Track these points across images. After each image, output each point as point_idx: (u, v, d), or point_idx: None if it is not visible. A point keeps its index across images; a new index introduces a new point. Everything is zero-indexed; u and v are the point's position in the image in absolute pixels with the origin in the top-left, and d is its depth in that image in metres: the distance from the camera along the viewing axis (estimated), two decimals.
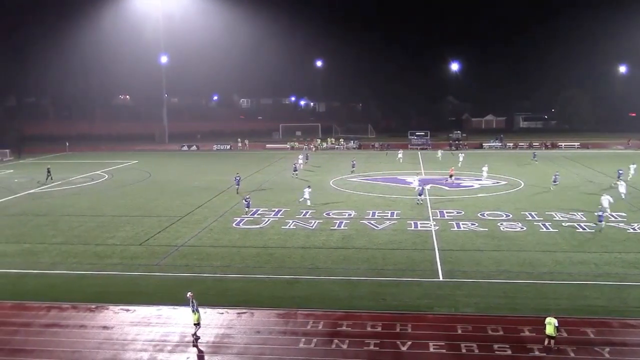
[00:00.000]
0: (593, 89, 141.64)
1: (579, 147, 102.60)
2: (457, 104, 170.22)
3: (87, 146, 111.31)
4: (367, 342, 23.91)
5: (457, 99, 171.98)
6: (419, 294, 29.21)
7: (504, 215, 46.10)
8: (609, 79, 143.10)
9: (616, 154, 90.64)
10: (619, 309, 26.67)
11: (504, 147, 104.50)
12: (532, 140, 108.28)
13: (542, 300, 28.21)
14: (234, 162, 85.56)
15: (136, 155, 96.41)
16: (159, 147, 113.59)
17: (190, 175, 71.45)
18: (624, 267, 32.95)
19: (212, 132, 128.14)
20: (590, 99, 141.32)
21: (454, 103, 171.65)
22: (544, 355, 22.66)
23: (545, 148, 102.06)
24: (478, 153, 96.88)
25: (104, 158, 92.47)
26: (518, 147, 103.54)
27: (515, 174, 68.51)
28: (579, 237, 39.57)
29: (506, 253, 35.97)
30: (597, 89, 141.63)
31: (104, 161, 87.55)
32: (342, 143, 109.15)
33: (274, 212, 48.28)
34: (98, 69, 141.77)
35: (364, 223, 44.10)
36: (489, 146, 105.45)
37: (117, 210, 50.38)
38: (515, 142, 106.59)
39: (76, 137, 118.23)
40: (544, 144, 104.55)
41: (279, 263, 34.65)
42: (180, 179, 68.32)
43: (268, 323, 26.04)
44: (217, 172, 74.57)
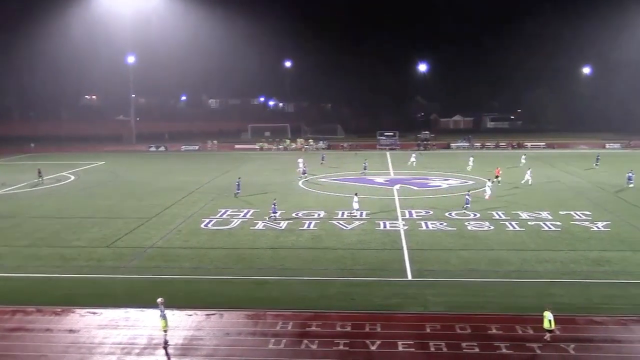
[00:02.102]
0: (558, 89, 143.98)
1: (545, 147, 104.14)
2: (426, 105, 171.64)
3: (52, 147, 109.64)
4: (336, 342, 23.93)
5: (425, 100, 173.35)
6: (388, 294, 29.34)
7: (472, 214, 46.53)
8: (573, 80, 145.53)
9: (581, 154, 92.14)
10: (584, 306, 27.11)
11: (472, 147, 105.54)
12: (499, 140, 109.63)
13: (510, 298, 28.55)
14: (203, 163, 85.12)
15: (103, 156, 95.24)
16: (127, 147, 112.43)
17: (158, 177, 70.78)
18: (589, 265, 33.50)
19: (180, 133, 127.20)
20: (555, 99, 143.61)
21: (423, 103, 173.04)
22: (511, 352, 22.92)
23: (512, 148, 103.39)
24: (446, 153, 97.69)
25: (71, 159, 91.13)
26: (485, 147, 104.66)
27: (483, 173, 69.13)
28: (545, 235, 40.13)
29: (474, 252, 36.32)
30: (562, 90, 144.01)
31: (71, 162, 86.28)
32: (311, 143, 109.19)
33: (243, 212, 48.07)
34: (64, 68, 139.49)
35: (333, 223, 44.15)
36: (456, 146, 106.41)
37: (83, 212, 49.68)
38: (482, 142, 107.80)
39: (41, 138, 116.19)
40: (510, 144, 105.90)
41: (248, 264, 34.50)
42: (148, 180, 67.67)
43: (237, 324, 25.91)
44: (186, 173, 74.02)
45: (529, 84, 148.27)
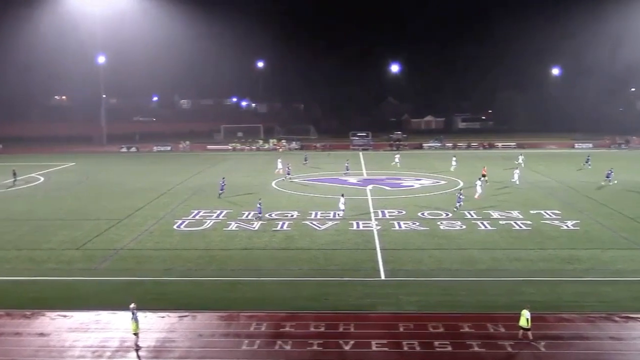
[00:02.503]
0: (528, 90, 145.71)
1: (516, 147, 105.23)
2: (398, 105, 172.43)
3: (21, 148, 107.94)
4: (310, 342, 23.95)
5: (397, 100, 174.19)
6: (362, 294, 29.44)
7: (444, 214, 46.90)
8: (543, 81, 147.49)
9: (551, 154, 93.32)
10: (554, 304, 27.49)
11: (444, 147, 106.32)
12: (470, 140, 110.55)
13: (481, 296, 28.85)
14: (175, 164, 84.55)
15: (73, 157, 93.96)
16: (97, 148, 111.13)
17: (129, 178, 70.15)
18: (559, 263, 33.99)
19: (152, 133, 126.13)
20: (525, 100, 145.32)
21: (395, 104, 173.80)
22: (483, 350, 23.16)
23: (484, 148, 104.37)
24: (418, 153, 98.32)
25: (40, 160, 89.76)
26: (457, 148, 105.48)
27: (455, 173, 69.78)
28: (516, 234, 40.61)
29: (446, 251, 36.62)
30: (532, 91, 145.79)
31: (40, 163, 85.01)
32: (284, 144, 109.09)
33: (215, 213, 47.86)
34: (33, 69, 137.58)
35: (307, 224, 44.18)
36: (428, 146, 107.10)
37: (53, 214, 49.04)
38: (454, 143, 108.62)
39: (10, 139, 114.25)
40: (482, 144, 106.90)
41: (221, 265, 34.37)
42: (120, 181, 66.99)
43: (210, 326, 25.80)
44: (158, 173, 73.48)
45: (499, 85, 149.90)
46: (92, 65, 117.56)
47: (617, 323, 25.59)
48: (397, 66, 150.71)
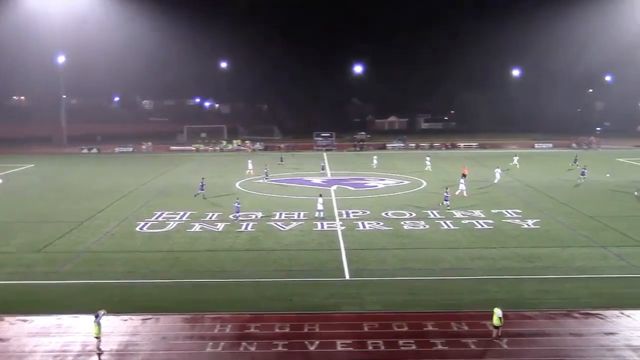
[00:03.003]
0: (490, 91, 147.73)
1: (477, 147, 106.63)
2: (362, 106, 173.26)
3: None
4: (275, 343, 23.91)
5: (361, 101, 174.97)
6: (327, 294, 29.49)
7: (408, 214, 47.25)
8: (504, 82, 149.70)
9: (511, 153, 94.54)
10: (515, 302, 27.91)
11: (407, 147, 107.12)
12: (433, 141, 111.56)
13: (445, 295, 29.14)
14: (138, 165, 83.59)
15: (33, 159, 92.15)
16: (57, 149, 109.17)
17: (91, 179, 69.11)
18: (520, 262, 34.52)
19: (113, 134, 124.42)
20: (487, 101, 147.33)
21: (359, 105, 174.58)
22: (446, 348, 23.39)
23: (446, 148, 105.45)
24: (382, 153, 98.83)
25: None
26: (420, 148, 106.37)
27: (418, 174, 70.36)
28: (478, 233, 41.13)
29: (410, 251, 36.90)
30: (493, 91, 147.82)
31: None
32: (247, 144, 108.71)
33: (179, 215, 47.45)
34: None
35: (271, 224, 44.09)
36: (392, 147, 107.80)
37: (12, 217, 48.05)
38: (417, 143, 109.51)
39: None
40: (444, 144, 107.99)
41: (185, 267, 34.09)
42: (81, 183, 65.95)
43: (174, 328, 25.57)
44: (120, 175, 72.55)
45: (461, 86, 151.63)
46: (52, 65, 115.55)
47: (577, 319, 26.10)
48: (360, 67, 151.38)
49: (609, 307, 27.26)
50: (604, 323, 25.72)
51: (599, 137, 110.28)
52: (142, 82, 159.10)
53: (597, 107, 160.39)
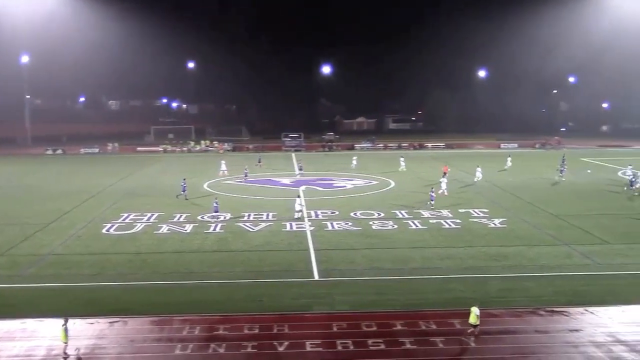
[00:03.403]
0: (457, 92, 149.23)
1: (445, 147, 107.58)
2: (330, 106, 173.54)
3: None
4: (244, 344, 23.84)
5: (329, 102, 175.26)
6: (296, 294, 29.51)
7: (376, 214, 47.49)
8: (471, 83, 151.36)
9: (478, 153, 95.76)
10: (482, 300, 28.10)
11: (375, 148, 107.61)
12: (401, 141, 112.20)
13: (413, 295, 29.37)
14: (104, 166, 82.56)
15: None
16: (22, 150, 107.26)
17: (56, 180, 68.10)
18: (486, 260, 34.95)
19: (79, 135, 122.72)
20: (454, 101, 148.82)
21: (327, 105, 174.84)
22: (415, 347, 23.58)
23: (414, 149, 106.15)
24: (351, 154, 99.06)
25: None
26: (388, 148, 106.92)
27: (386, 174, 70.73)
28: (445, 233, 41.52)
29: (379, 251, 37.09)
30: (460, 92, 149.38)
31: None
32: (216, 145, 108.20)
33: (146, 216, 47.02)
34: None
35: (240, 225, 43.94)
36: (360, 147, 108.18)
37: None
38: (385, 143, 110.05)
39: None
40: (412, 144, 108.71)
41: (152, 269, 33.80)
42: (46, 184, 64.91)
43: (142, 331, 25.34)
44: (86, 176, 71.57)
45: (429, 86, 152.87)
46: (16, 65, 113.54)
47: (542, 317, 26.53)
48: (329, 68, 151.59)
49: (574, 304, 27.77)
50: (568, 320, 26.19)
51: (563, 137, 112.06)
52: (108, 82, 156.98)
53: (561, 107, 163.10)
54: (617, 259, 35.19)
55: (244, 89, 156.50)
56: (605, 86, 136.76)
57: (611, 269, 33.27)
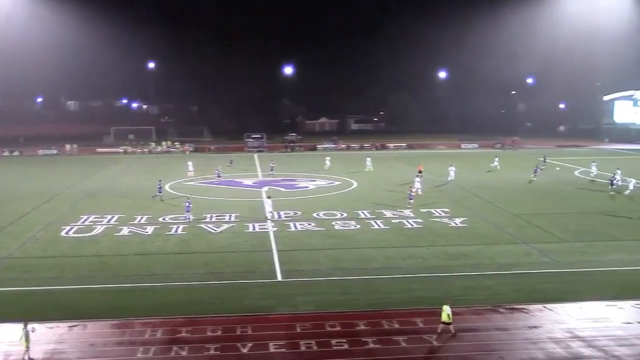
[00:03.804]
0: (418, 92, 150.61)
1: (407, 147, 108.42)
2: (292, 107, 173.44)
3: None
4: (207, 346, 23.69)
5: (292, 102, 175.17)
6: (259, 296, 29.43)
7: (339, 214, 47.63)
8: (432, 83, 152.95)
9: (439, 154, 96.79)
10: (444, 299, 28.45)
11: (338, 148, 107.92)
12: (363, 141, 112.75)
13: (376, 294, 29.53)
14: (63, 168, 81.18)
15: None
16: None
17: (13, 183, 66.67)
18: (448, 260, 35.35)
19: (37, 136, 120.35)
20: (416, 102, 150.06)
21: (289, 106, 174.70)
22: (378, 346, 23.72)
23: (376, 149, 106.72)
24: (313, 154, 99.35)
25: None
26: (350, 149, 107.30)
27: (348, 174, 70.97)
28: (408, 232, 41.87)
29: (342, 251, 37.22)
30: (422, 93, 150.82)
31: None
32: (177, 146, 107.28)
33: (106, 218, 46.36)
34: None
35: (202, 227, 43.65)
36: (323, 148, 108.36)
37: None
38: (347, 144, 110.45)
39: None
40: (374, 145, 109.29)
41: (113, 271, 33.34)
42: (2, 186, 63.45)
43: (103, 335, 24.98)
44: (44, 178, 70.29)
45: (391, 87, 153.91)
46: None
47: (502, 314, 26.94)
48: (291, 68, 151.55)
49: (533, 301, 28.24)
50: (528, 317, 26.63)
51: (522, 137, 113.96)
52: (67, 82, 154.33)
53: (519, 108, 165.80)
54: (575, 256, 35.93)
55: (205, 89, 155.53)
56: (562, 87, 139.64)
57: (569, 267, 33.94)
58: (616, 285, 30.83)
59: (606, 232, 41.87)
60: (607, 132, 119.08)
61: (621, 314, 26.96)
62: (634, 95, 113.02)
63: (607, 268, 33.66)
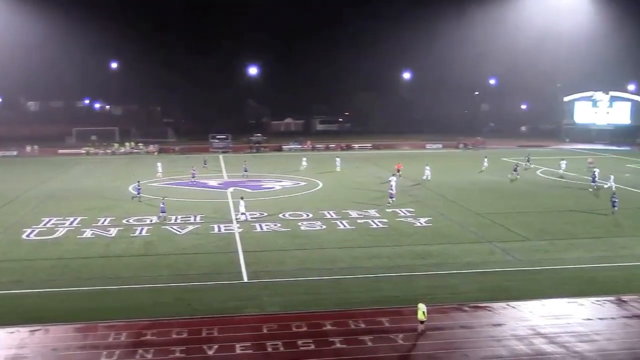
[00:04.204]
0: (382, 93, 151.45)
1: (372, 148, 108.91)
2: (258, 107, 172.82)
3: None
4: (172, 349, 23.48)
5: (257, 103, 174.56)
6: (225, 297, 29.30)
7: (305, 215, 47.66)
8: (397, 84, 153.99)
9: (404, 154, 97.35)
10: (409, 298, 28.72)
11: (304, 149, 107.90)
12: (328, 142, 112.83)
13: (343, 294, 29.62)
14: (23, 170, 79.60)
15: None
16: None
17: None
18: (413, 259, 35.63)
19: None
20: (381, 102, 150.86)
21: (255, 106, 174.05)
22: (345, 346, 23.79)
23: (341, 149, 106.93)
24: (278, 155, 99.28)
25: None
26: (315, 149, 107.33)
27: (314, 174, 71.01)
28: (373, 232, 42.09)
29: (308, 251, 37.25)
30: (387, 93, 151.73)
31: None
32: (141, 147, 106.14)
33: (69, 221, 45.63)
34: None
35: (167, 228, 43.27)
36: (288, 148, 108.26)
37: None
38: (313, 145, 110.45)
39: None
40: (339, 145, 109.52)
41: (76, 274, 32.84)
42: None
43: (65, 339, 24.58)
44: (3, 180, 68.79)
45: (356, 88, 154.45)
46: None
47: (466, 312, 27.25)
48: (256, 69, 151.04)
49: (497, 299, 28.63)
50: (492, 315, 27.00)
51: (485, 137, 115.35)
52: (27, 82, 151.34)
53: (483, 109, 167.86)
54: (537, 254, 36.55)
55: (169, 90, 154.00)
56: (525, 88, 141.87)
57: (531, 265, 34.50)
58: (577, 282, 31.48)
59: (567, 230, 42.67)
60: (567, 132, 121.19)
61: (582, 311, 27.50)
62: (593, 96, 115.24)
63: (568, 266, 34.33)
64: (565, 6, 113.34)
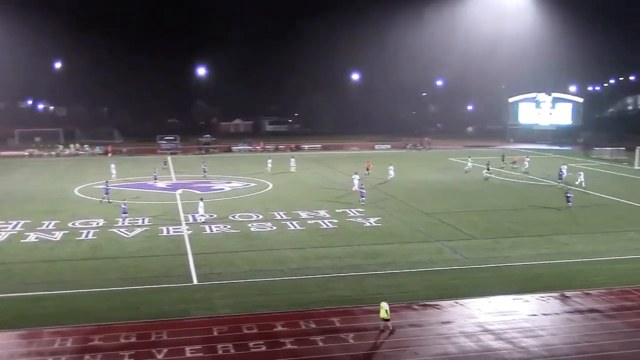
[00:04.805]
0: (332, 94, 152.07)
1: (321, 148, 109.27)
2: (207, 108, 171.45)
3: None
4: (121, 354, 23.09)
5: (206, 104, 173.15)
6: (174, 300, 28.97)
7: (255, 216, 47.51)
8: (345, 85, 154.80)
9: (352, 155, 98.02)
10: (360, 297, 29.00)
11: (254, 150, 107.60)
12: (278, 143, 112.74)
13: (294, 295, 29.65)
14: None
15: None
16: None
17: None
18: (363, 258, 35.91)
19: None
20: (329, 103, 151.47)
21: (203, 107, 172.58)
22: (296, 347, 23.82)
23: (291, 150, 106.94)
24: (228, 156, 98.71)
25: None
26: (266, 150, 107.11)
27: (264, 176, 70.81)
28: (324, 233, 42.26)
29: (259, 252, 37.14)
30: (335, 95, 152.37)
31: None
32: (86, 149, 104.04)
33: (11, 225, 44.38)
34: None
35: (114, 231, 42.53)
36: (238, 149, 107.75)
37: None
38: (262, 146, 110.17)
39: None
40: (289, 146, 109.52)
41: (20, 279, 31.98)
42: None
43: (8, 346, 23.92)
44: None
45: (305, 89, 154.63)
46: None
47: (416, 311, 27.60)
48: (204, 69, 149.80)
49: (445, 297, 29.10)
50: (440, 313, 27.42)
51: (432, 138, 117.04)
52: None
53: (430, 110, 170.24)
54: (484, 253, 37.30)
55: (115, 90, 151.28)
56: (471, 90, 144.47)
57: (478, 263, 35.19)
58: (522, 279, 32.26)
59: (512, 228, 43.68)
60: (512, 133, 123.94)
61: (527, 307, 28.20)
62: (537, 97, 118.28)
63: (513, 263, 35.17)
64: (511, 10, 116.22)
